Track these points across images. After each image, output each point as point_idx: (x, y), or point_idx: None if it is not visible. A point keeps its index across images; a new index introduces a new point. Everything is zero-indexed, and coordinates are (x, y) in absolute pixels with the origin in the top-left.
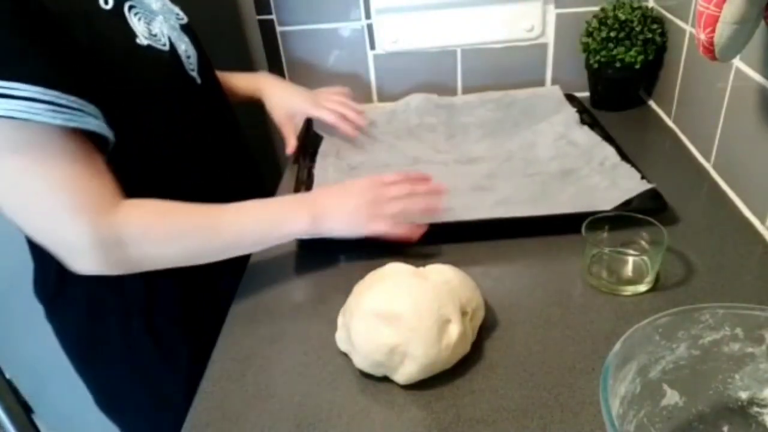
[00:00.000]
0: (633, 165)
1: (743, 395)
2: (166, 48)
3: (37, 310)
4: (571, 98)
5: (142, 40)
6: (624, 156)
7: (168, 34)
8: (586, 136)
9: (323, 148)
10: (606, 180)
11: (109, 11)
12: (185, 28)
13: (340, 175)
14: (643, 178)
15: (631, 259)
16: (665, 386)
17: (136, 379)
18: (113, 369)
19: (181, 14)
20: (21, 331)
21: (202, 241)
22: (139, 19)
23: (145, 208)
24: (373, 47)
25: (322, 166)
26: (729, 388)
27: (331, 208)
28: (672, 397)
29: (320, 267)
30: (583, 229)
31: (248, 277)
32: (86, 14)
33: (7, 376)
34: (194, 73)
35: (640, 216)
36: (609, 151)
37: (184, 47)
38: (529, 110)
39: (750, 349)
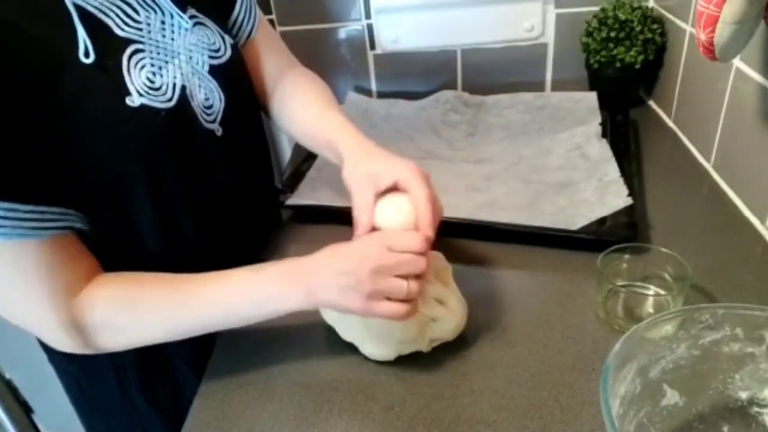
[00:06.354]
0: (626, 182)
1: (743, 395)
2: (171, 104)
3: None
4: (607, 106)
5: (135, 99)
6: (623, 172)
7: (182, 83)
8: (600, 150)
9: None
10: (595, 196)
11: (90, 65)
12: (216, 71)
13: None
14: (629, 195)
15: (651, 298)
16: (665, 386)
17: (133, 426)
18: (109, 413)
19: (223, 49)
20: (21, 331)
21: (174, 326)
22: (142, 68)
23: (109, 295)
24: (373, 47)
25: None
26: (729, 388)
27: (327, 279)
28: (672, 397)
29: None
30: (598, 262)
31: None
32: (58, 73)
33: (7, 376)
34: (213, 125)
35: (663, 249)
36: (613, 167)
37: (204, 95)
38: (557, 116)
39: (750, 349)
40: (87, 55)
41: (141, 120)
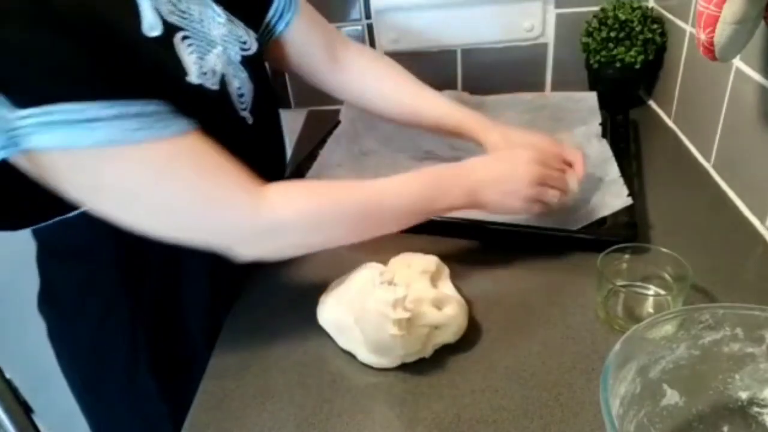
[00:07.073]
0: (626, 182)
1: (743, 395)
2: (216, 88)
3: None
4: (607, 106)
5: (193, 78)
6: (623, 172)
7: (222, 71)
8: (601, 150)
9: (339, 131)
10: (596, 195)
11: (155, 40)
12: (246, 61)
13: (349, 159)
14: (629, 195)
15: (651, 298)
16: (665, 386)
17: (137, 418)
18: (114, 406)
19: (250, 42)
20: (21, 331)
21: (360, 223)
22: (191, 53)
23: (305, 192)
24: (373, 47)
25: (330, 149)
26: (729, 388)
27: (488, 183)
28: (672, 397)
29: (319, 268)
30: (598, 262)
31: (248, 279)
32: (128, 42)
33: (7, 376)
34: (245, 113)
35: (663, 249)
36: (613, 167)
37: (238, 84)
38: (558, 116)
39: (750, 349)
40: (152, 27)
41: (199, 98)
